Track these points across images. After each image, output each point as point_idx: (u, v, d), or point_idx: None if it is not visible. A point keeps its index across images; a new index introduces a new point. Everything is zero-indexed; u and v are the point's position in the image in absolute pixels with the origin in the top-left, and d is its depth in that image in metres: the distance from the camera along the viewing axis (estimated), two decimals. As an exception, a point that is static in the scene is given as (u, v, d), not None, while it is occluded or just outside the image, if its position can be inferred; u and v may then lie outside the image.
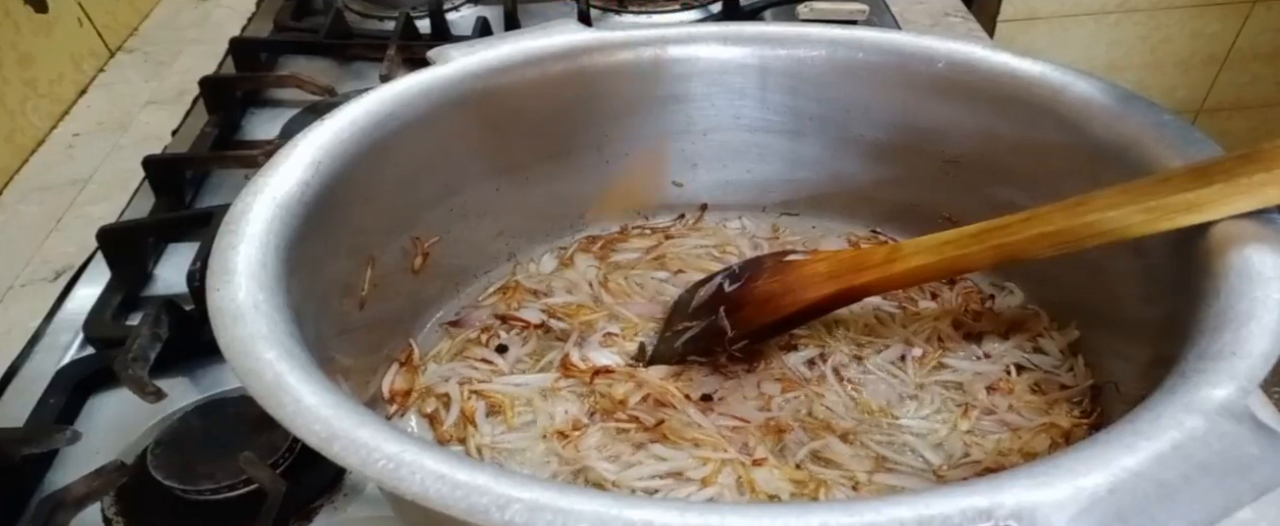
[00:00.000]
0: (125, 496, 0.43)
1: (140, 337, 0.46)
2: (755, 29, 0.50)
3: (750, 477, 0.40)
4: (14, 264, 0.60)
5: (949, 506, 0.24)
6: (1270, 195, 0.32)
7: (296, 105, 0.76)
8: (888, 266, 0.42)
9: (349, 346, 0.41)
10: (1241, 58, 1.41)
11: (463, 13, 0.89)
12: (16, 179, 0.69)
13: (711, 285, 0.48)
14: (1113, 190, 0.36)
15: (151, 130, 0.74)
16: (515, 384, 0.46)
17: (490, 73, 0.47)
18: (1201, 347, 0.29)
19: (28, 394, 0.49)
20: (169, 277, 0.58)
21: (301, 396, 0.28)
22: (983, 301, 0.50)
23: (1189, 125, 0.39)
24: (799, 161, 0.54)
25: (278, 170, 0.38)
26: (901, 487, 0.40)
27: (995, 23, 1.29)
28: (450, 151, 0.47)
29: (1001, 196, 0.46)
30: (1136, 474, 0.24)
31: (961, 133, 0.48)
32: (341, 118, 0.42)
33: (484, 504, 0.24)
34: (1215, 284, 0.32)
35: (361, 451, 0.26)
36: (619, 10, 0.87)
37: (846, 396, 0.45)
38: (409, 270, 0.48)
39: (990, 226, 0.39)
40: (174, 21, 0.92)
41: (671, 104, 0.52)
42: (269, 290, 0.33)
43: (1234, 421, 0.26)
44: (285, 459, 0.43)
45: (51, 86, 0.76)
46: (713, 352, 0.46)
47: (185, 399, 0.48)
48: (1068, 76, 0.44)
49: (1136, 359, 0.38)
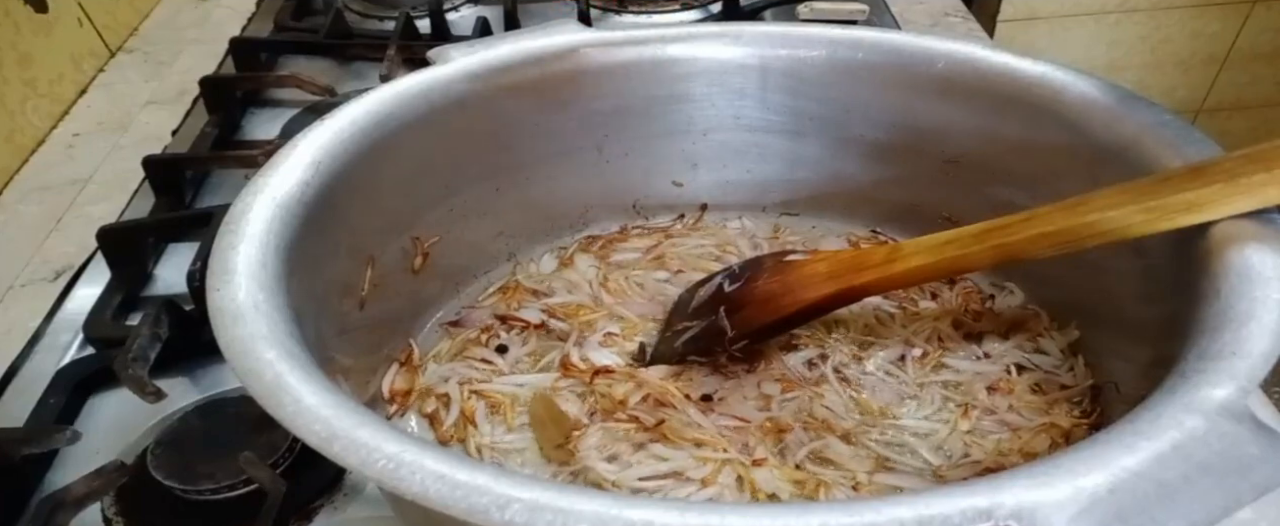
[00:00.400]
0: (125, 496, 0.43)
1: (140, 337, 0.46)
2: (755, 29, 0.50)
3: (750, 477, 0.40)
4: (14, 264, 0.60)
5: (949, 506, 0.24)
6: (1270, 195, 0.32)
7: (296, 105, 0.76)
8: (888, 266, 0.42)
9: (349, 346, 0.41)
10: (1241, 58, 1.41)
11: (463, 13, 0.89)
12: (16, 179, 0.69)
13: (711, 285, 0.48)
14: (1113, 190, 0.36)
15: (151, 130, 0.74)
16: (515, 384, 0.46)
17: (490, 73, 0.47)
18: (1201, 347, 0.29)
19: (28, 394, 0.49)
20: (169, 277, 0.58)
21: (301, 396, 0.28)
22: (983, 301, 0.50)
23: (1189, 125, 0.39)
24: (799, 161, 0.54)
25: (278, 170, 0.38)
26: (901, 487, 0.40)
27: (995, 23, 1.29)
28: (450, 151, 0.47)
29: (1001, 196, 0.46)
30: (1136, 474, 0.24)
31: (961, 133, 0.48)
32: (341, 118, 0.42)
33: (484, 504, 0.24)
34: (1215, 284, 0.32)
35: (361, 451, 0.26)
36: (619, 10, 0.87)
37: (847, 396, 0.45)
38: (409, 270, 0.48)
39: (990, 226, 0.39)
40: (174, 21, 0.92)
41: (671, 104, 0.52)
42: (269, 290, 0.33)
43: (1234, 421, 0.26)
44: (285, 459, 0.43)
45: (51, 86, 0.76)
46: (713, 352, 0.46)
47: (185, 399, 0.48)
48: (1068, 76, 0.44)
49: (1136, 359, 0.38)
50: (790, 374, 0.45)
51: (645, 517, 0.24)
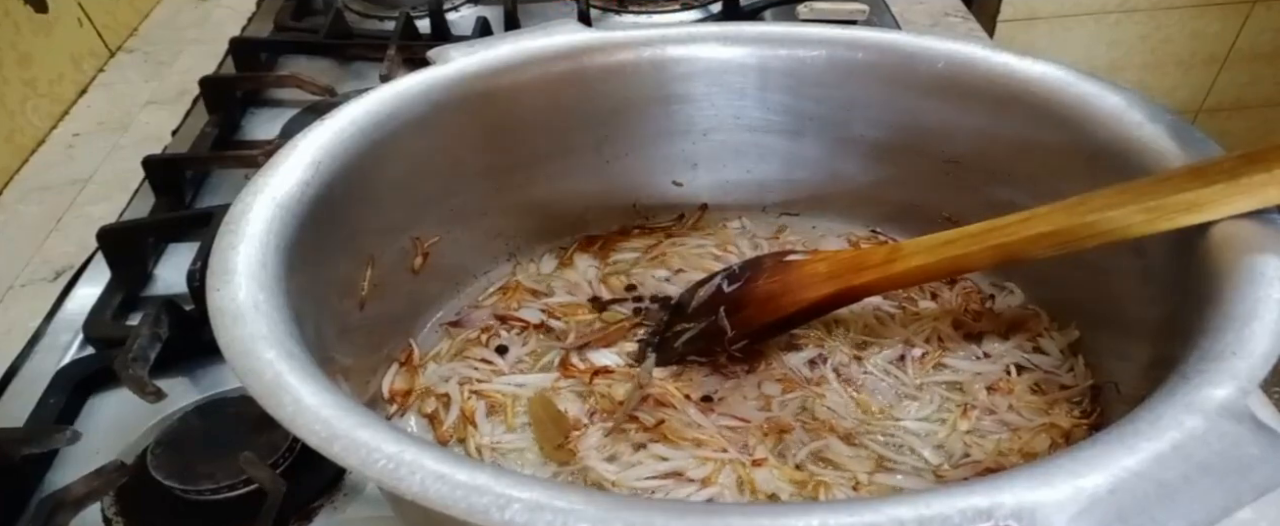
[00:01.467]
0: (125, 496, 0.43)
1: (140, 337, 0.46)
2: (755, 29, 0.50)
3: (750, 478, 0.40)
4: (14, 264, 0.60)
5: (949, 506, 0.24)
6: (1270, 195, 0.32)
7: (296, 105, 0.76)
8: (888, 266, 0.42)
9: (349, 346, 0.41)
10: (1241, 58, 1.41)
11: (463, 13, 0.89)
12: (16, 179, 0.69)
13: (711, 285, 0.48)
14: (1113, 190, 0.36)
15: (151, 130, 0.74)
16: (515, 384, 0.46)
17: (490, 73, 0.47)
18: (1202, 348, 0.29)
19: (28, 394, 0.49)
20: (169, 277, 0.58)
21: (301, 396, 0.28)
22: (983, 301, 0.50)
23: (1189, 125, 0.39)
24: (799, 161, 0.54)
25: (278, 170, 0.38)
26: (901, 487, 0.40)
27: (995, 23, 1.29)
28: (450, 151, 0.47)
29: (1001, 196, 0.46)
30: (1136, 474, 0.24)
31: (961, 133, 0.48)
32: (341, 118, 0.42)
33: (484, 504, 0.24)
34: (1215, 284, 0.32)
35: (361, 451, 0.26)
36: (619, 10, 0.87)
37: (848, 397, 0.45)
38: (409, 270, 0.48)
39: (990, 226, 0.39)
40: (174, 21, 0.92)
41: (671, 104, 0.52)
42: (269, 290, 0.33)
43: (1234, 421, 0.26)
44: (285, 459, 0.43)
45: (51, 86, 0.76)
46: (713, 353, 0.46)
47: (185, 399, 0.48)
48: (1068, 76, 0.44)
49: (1136, 359, 0.38)
50: (791, 374, 0.45)
51: (645, 518, 0.24)
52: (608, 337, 0.48)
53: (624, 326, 0.48)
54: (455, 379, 0.46)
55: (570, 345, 0.47)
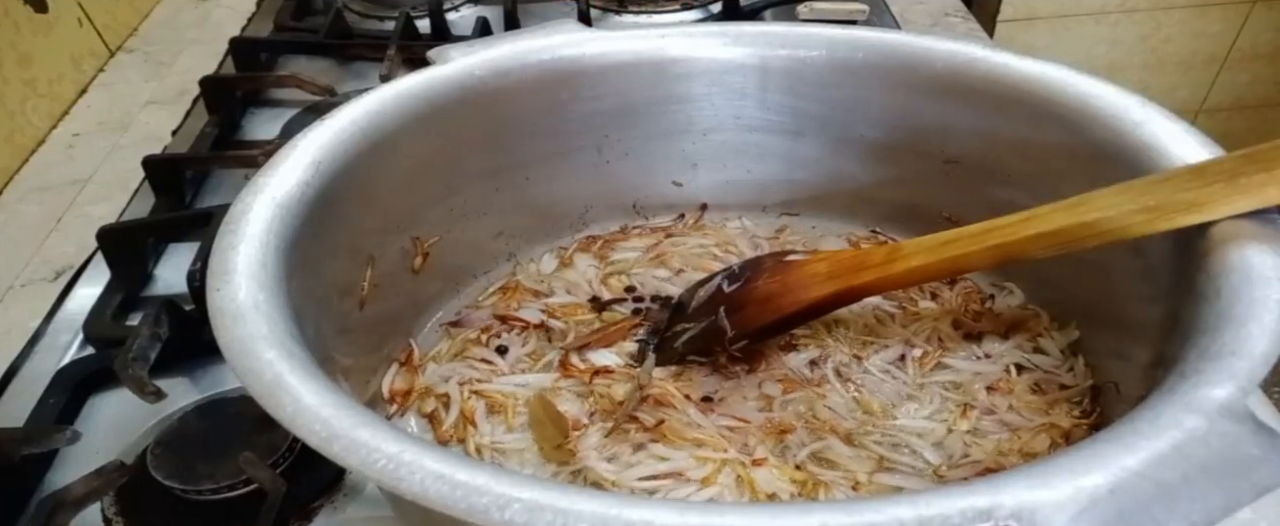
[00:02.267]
0: (125, 496, 0.43)
1: (140, 337, 0.46)
2: (755, 29, 0.50)
3: (750, 478, 0.40)
4: (14, 264, 0.60)
5: (949, 506, 0.24)
6: (1270, 195, 0.32)
7: (296, 105, 0.76)
8: (888, 266, 0.42)
9: (349, 346, 0.41)
10: (1241, 58, 1.41)
11: (463, 13, 0.89)
12: (16, 179, 0.69)
13: (711, 285, 0.48)
14: (1113, 190, 0.36)
15: (151, 130, 0.74)
16: (515, 384, 0.46)
17: (490, 73, 0.47)
18: (1201, 348, 0.29)
19: (28, 394, 0.49)
20: (169, 278, 0.58)
21: (301, 396, 0.28)
22: (983, 301, 0.50)
23: (1189, 125, 0.39)
24: (799, 161, 0.54)
25: (278, 170, 0.38)
26: (901, 487, 0.40)
27: (995, 23, 1.29)
28: (450, 151, 0.47)
29: (1001, 196, 0.46)
30: (1136, 474, 0.24)
31: (961, 133, 0.48)
32: (341, 118, 0.42)
33: (484, 504, 0.24)
34: (1215, 284, 0.32)
35: (361, 451, 0.26)
36: (619, 10, 0.87)
37: (848, 397, 0.45)
38: (409, 270, 0.48)
39: (990, 226, 0.39)
40: (174, 21, 0.92)
41: (671, 104, 0.52)
42: (269, 290, 0.33)
43: (1234, 421, 0.26)
44: (285, 459, 0.43)
45: (51, 86, 0.76)
46: (713, 353, 0.46)
47: (185, 399, 0.48)
48: (1068, 76, 0.44)
49: (1136, 359, 0.38)
50: (791, 374, 0.45)
51: (645, 517, 0.24)
52: (608, 337, 0.48)
53: (624, 326, 0.48)
54: (455, 379, 0.46)
55: (570, 345, 0.47)
